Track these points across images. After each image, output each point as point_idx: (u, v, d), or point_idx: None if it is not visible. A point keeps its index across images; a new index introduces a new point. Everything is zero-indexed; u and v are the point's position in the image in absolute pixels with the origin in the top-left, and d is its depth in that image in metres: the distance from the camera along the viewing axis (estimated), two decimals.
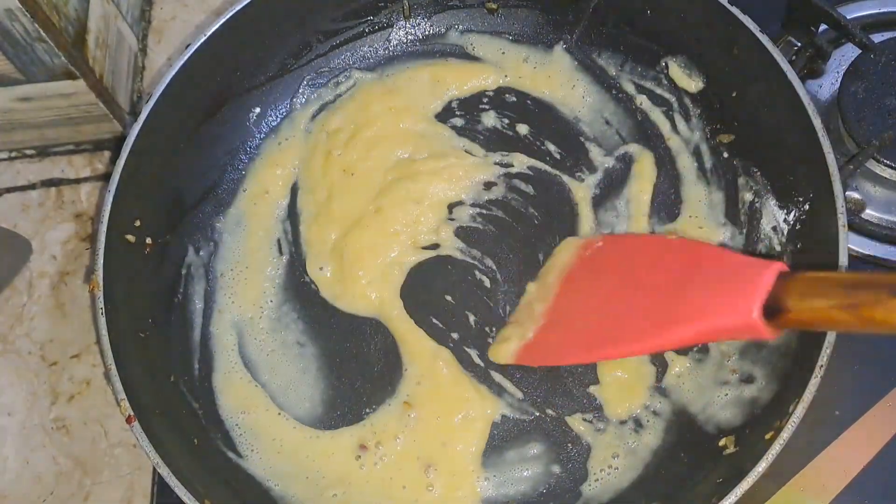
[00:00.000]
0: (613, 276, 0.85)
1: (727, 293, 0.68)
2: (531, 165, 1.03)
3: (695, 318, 0.71)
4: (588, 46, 1.07)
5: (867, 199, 1.00)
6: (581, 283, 0.88)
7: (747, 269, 0.68)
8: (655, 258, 0.82)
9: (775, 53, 0.89)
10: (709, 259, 0.75)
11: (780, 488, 0.89)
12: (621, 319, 0.79)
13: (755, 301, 0.65)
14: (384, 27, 1.09)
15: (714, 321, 0.69)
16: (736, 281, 0.68)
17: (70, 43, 0.98)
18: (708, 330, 0.70)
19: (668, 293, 0.75)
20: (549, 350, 0.88)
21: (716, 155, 1.00)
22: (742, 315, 0.66)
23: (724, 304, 0.68)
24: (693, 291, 0.73)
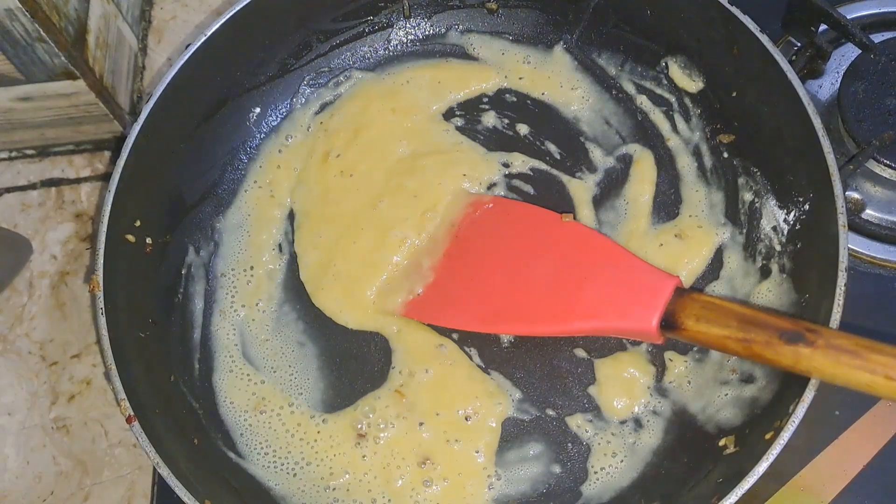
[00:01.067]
0: (508, 244, 0.87)
1: (631, 297, 0.72)
2: (532, 166, 1.03)
3: (596, 315, 0.75)
4: (588, 46, 1.07)
5: (867, 199, 1.00)
6: (472, 245, 0.89)
7: (648, 277, 0.73)
8: (555, 238, 0.84)
9: (775, 53, 0.89)
10: (611, 255, 0.79)
11: (781, 488, 0.89)
12: (518, 296, 0.82)
13: (656, 311, 0.70)
14: (384, 27, 1.09)
15: (615, 322, 0.74)
16: (638, 286, 0.72)
17: (70, 43, 0.98)
18: (608, 328, 0.75)
19: (569, 279, 0.78)
20: (439, 310, 0.89)
21: (716, 155, 1.00)
22: (642, 323, 0.71)
23: (628, 308, 0.73)
24: (595, 284, 0.76)
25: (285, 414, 0.94)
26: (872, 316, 0.96)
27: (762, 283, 0.92)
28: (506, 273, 0.83)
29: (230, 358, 0.96)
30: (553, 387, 0.93)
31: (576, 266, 0.78)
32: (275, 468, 0.91)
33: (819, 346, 0.64)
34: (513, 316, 0.81)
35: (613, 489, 0.88)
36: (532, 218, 0.89)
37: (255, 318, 0.98)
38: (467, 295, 0.86)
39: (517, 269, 0.82)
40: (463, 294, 0.86)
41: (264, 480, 0.90)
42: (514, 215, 0.90)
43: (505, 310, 0.82)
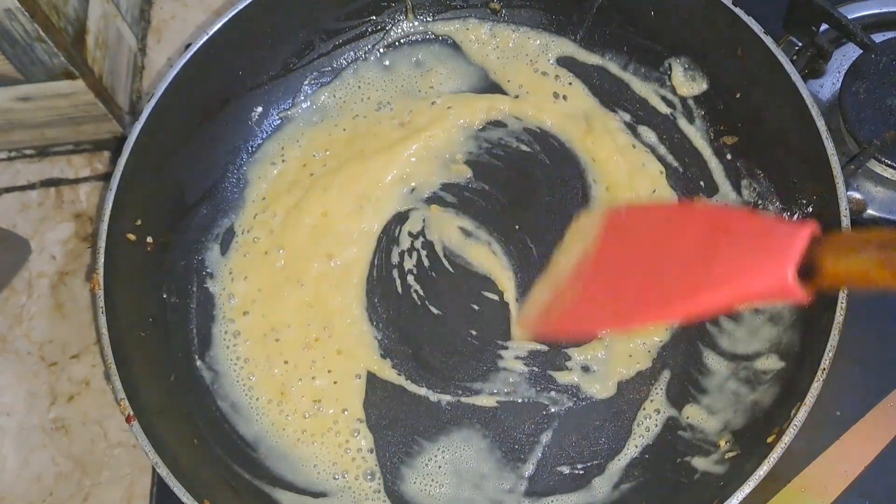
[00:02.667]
0: (642, 245, 0.84)
1: (761, 256, 0.68)
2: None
3: (729, 281, 0.70)
4: (592, 47, 1.07)
5: (868, 199, 1.00)
6: (609, 254, 0.87)
7: (779, 231, 0.68)
8: (683, 225, 0.81)
9: (779, 55, 0.89)
10: (739, 222, 0.75)
11: (782, 489, 0.89)
12: (653, 287, 0.79)
13: (789, 263, 0.65)
14: (387, 27, 1.09)
15: (749, 284, 0.69)
16: (769, 244, 0.68)
17: (69, 43, 0.98)
18: (743, 293, 0.70)
19: (699, 259, 0.75)
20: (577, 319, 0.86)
21: (719, 157, 1.00)
22: (777, 277, 0.66)
23: (759, 268, 0.68)
24: (725, 256, 0.72)
25: (286, 413, 0.94)
26: (872, 316, 0.96)
27: None
28: (641, 270, 0.81)
29: (231, 357, 0.96)
30: (547, 386, 0.93)
31: (711, 243, 0.74)
32: (275, 467, 0.91)
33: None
34: (652, 304, 0.78)
35: (613, 490, 0.89)
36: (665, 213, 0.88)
37: (255, 318, 0.98)
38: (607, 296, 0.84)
39: (652, 265, 0.80)
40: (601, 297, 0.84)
41: (265, 480, 0.90)
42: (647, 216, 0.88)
43: (644, 300, 0.79)
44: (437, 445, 0.92)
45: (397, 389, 0.94)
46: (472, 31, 1.08)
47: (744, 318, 0.93)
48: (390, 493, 0.90)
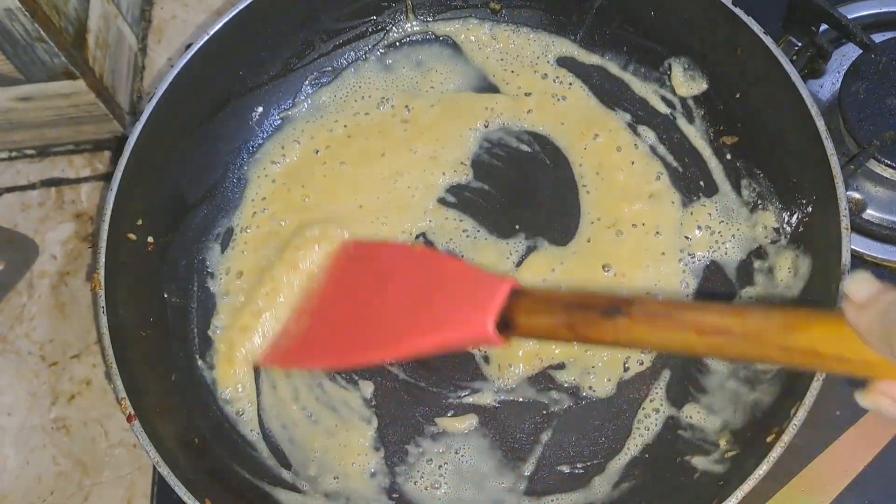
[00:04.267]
0: (365, 283, 0.89)
1: (467, 307, 0.73)
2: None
3: (438, 328, 0.76)
4: (592, 47, 1.07)
5: (868, 199, 1.01)
6: (336, 289, 0.91)
7: (484, 285, 0.73)
8: (404, 268, 0.86)
9: (779, 55, 0.89)
10: (452, 272, 0.80)
11: (781, 488, 0.89)
12: (369, 328, 0.84)
13: (490, 315, 0.70)
14: (387, 27, 1.09)
15: (455, 332, 0.74)
16: (474, 296, 0.73)
17: (70, 43, 0.98)
18: (450, 339, 0.75)
19: (414, 302, 0.80)
20: (297, 356, 0.91)
21: (719, 156, 1.00)
22: (478, 327, 0.71)
23: (465, 317, 0.73)
24: (438, 302, 0.78)
25: (286, 413, 0.94)
26: None
27: (764, 286, 0.93)
28: (364, 309, 0.86)
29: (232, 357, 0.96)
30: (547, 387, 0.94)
31: (425, 289, 0.81)
32: (276, 466, 0.91)
33: (634, 314, 0.64)
34: (368, 346, 0.83)
35: (613, 490, 0.89)
36: (386, 253, 0.92)
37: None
38: (328, 336, 0.89)
39: (374, 304, 0.85)
40: (324, 336, 0.89)
41: (265, 479, 0.90)
42: (371, 254, 0.93)
43: (361, 341, 0.84)
44: (438, 445, 0.92)
45: (398, 389, 0.95)
46: (472, 31, 1.08)
47: None
48: (391, 493, 0.90)
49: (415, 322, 0.78)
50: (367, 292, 0.87)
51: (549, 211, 1.01)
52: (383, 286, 0.85)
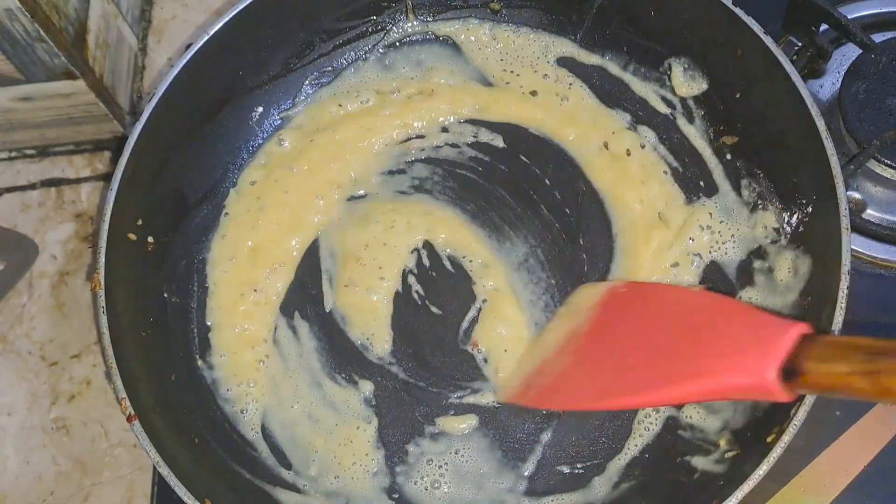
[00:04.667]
0: (634, 324, 0.83)
1: (744, 351, 0.66)
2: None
3: (708, 373, 0.69)
4: (592, 47, 1.07)
5: (868, 199, 1.00)
6: (602, 331, 0.86)
7: (769, 328, 0.66)
8: (677, 309, 0.80)
9: (779, 55, 0.89)
10: (730, 313, 0.74)
11: (781, 488, 0.89)
12: (636, 370, 0.77)
13: (772, 362, 0.63)
14: (387, 27, 1.09)
15: (727, 379, 0.67)
16: (755, 339, 0.66)
17: (70, 43, 0.98)
18: (720, 387, 0.68)
19: (685, 346, 0.73)
20: (557, 395, 0.86)
21: (719, 156, 1.00)
22: (757, 375, 0.64)
23: (740, 363, 0.66)
24: (710, 346, 0.71)
25: (286, 413, 0.94)
26: (873, 316, 0.96)
27: (764, 285, 0.93)
28: (628, 351, 0.80)
29: (231, 357, 0.96)
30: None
31: (698, 332, 0.74)
32: (276, 465, 0.92)
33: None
34: (633, 388, 0.77)
35: (613, 491, 0.89)
36: (662, 294, 0.87)
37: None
38: (591, 376, 0.83)
39: (642, 346, 0.79)
40: (585, 376, 0.83)
41: (265, 479, 0.90)
42: (644, 296, 0.87)
43: (626, 383, 0.78)
44: (438, 445, 0.92)
45: (398, 389, 0.94)
46: (472, 31, 1.08)
47: None
48: (391, 493, 0.90)
49: (686, 365, 0.71)
50: (636, 334, 0.81)
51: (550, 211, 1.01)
52: (654, 327, 0.80)
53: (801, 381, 0.63)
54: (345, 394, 0.94)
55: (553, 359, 0.88)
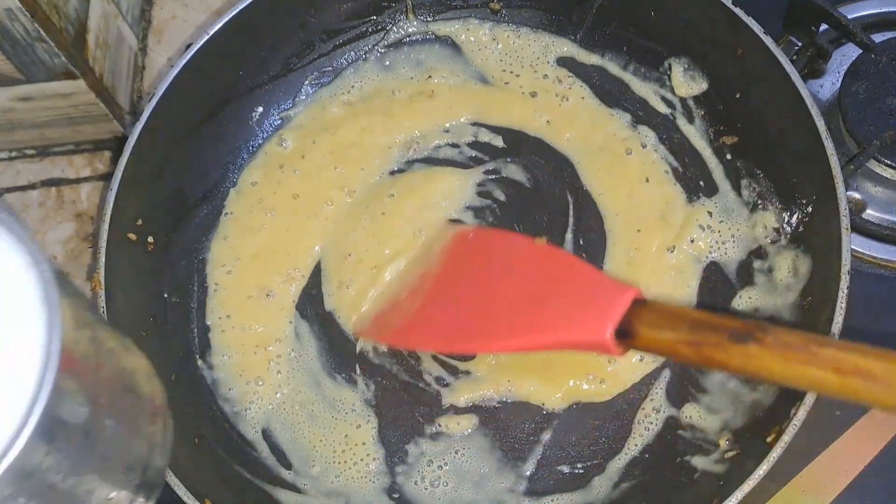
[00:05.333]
0: (482, 271, 0.88)
1: (587, 310, 0.72)
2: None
3: (553, 328, 0.75)
4: (592, 47, 1.07)
5: (868, 199, 1.01)
6: (452, 275, 0.90)
7: (606, 290, 0.71)
8: (524, 260, 0.85)
9: (779, 56, 0.89)
10: (572, 271, 0.79)
11: (781, 488, 0.89)
12: (484, 317, 0.83)
13: (609, 322, 0.68)
14: (387, 27, 1.09)
15: (570, 334, 0.73)
16: (595, 300, 0.71)
17: (70, 43, 0.98)
18: (563, 341, 0.74)
19: (532, 297, 0.79)
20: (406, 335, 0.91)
21: (719, 156, 1.00)
22: (596, 333, 0.69)
23: (583, 320, 0.72)
24: (555, 301, 0.76)
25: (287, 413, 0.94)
26: (873, 316, 0.96)
27: (764, 286, 0.93)
28: (477, 298, 0.85)
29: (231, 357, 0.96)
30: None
31: (542, 286, 0.79)
32: (277, 466, 0.92)
33: (767, 343, 0.61)
34: (477, 334, 0.83)
35: (613, 491, 0.89)
36: (507, 244, 0.91)
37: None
38: (438, 319, 0.88)
39: (488, 294, 0.84)
40: (433, 318, 0.88)
41: (265, 479, 0.90)
42: (493, 243, 0.92)
43: (470, 329, 0.84)
44: (438, 445, 0.92)
45: (398, 389, 0.94)
46: (472, 31, 1.08)
47: (744, 318, 0.93)
48: (391, 493, 0.90)
49: (530, 318, 0.77)
50: (482, 281, 0.86)
51: (549, 211, 1.01)
52: (500, 277, 0.84)
53: (633, 342, 0.68)
54: (345, 393, 0.94)
55: (406, 299, 0.92)
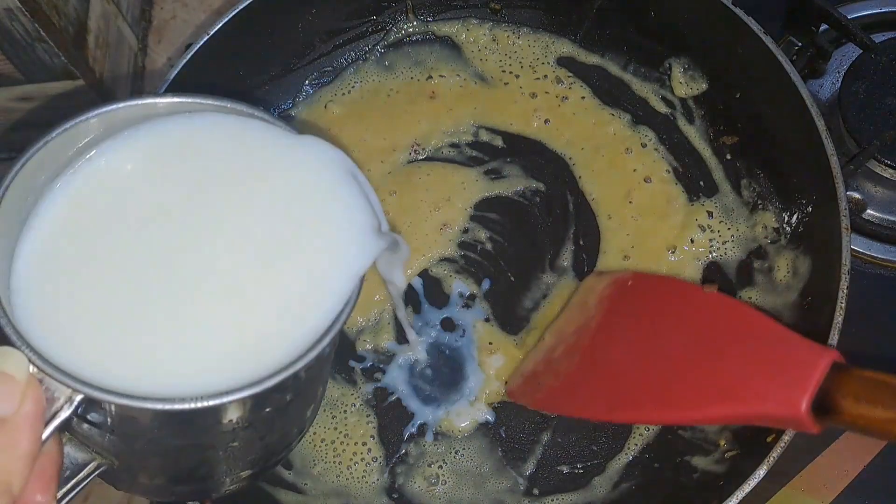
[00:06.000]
0: (645, 322, 0.78)
1: (774, 377, 0.61)
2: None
3: (734, 399, 0.64)
4: (592, 47, 1.07)
5: (868, 199, 1.01)
6: (609, 329, 0.81)
7: (796, 351, 0.62)
8: (691, 310, 0.74)
9: (779, 56, 0.89)
10: (754, 326, 0.68)
11: (781, 488, 0.89)
12: (652, 381, 0.73)
13: (803, 393, 0.58)
14: (387, 26, 1.09)
15: (757, 407, 0.62)
16: (784, 364, 0.61)
17: (70, 43, 0.98)
18: (747, 414, 0.64)
19: (706, 359, 0.68)
20: (561, 400, 0.82)
21: (719, 157, 1.00)
22: (789, 406, 0.59)
23: (768, 390, 0.61)
24: (733, 364, 0.66)
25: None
26: (872, 317, 0.96)
27: (764, 286, 0.93)
28: (641, 358, 0.75)
29: None
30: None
31: (716, 343, 0.68)
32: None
33: None
34: (642, 402, 0.73)
35: (612, 491, 0.89)
36: (671, 292, 0.81)
37: None
38: (597, 382, 0.78)
39: (653, 354, 0.74)
40: (591, 381, 0.79)
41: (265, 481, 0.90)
42: (654, 290, 0.82)
43: (635, 396, 0.73)
44: (438, 445, 0.92)
45: (399, 389, 0.94)
46: (472, 31, 1.08)
47: None
48: (391, 493, 0.90)
49: (701, 383, 0.67)
50: (645, 338, 0.75)
51: (548, 211, 1.01)
52: (666, 332, 0.74)
53: (836, 418, 0.58)
54: (345, 393, 0.94)
55: (561, 357, 0.84)
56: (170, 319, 0.56)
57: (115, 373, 0.53)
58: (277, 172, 0.61)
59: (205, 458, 0.60)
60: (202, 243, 0.58)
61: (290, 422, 0.65)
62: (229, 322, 0.57)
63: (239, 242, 0.59)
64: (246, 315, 0.57)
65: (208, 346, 0.56)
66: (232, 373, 0.54)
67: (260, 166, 0.61)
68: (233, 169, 0.61)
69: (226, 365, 0.55)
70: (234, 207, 0.60)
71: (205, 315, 0.57)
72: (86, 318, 0.55)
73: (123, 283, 0.57)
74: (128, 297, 0.56)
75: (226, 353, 0.56)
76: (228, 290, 0.57)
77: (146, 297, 0.56)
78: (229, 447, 0.59)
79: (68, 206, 0.59)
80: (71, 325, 0.55)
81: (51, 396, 0.50)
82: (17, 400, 0.48)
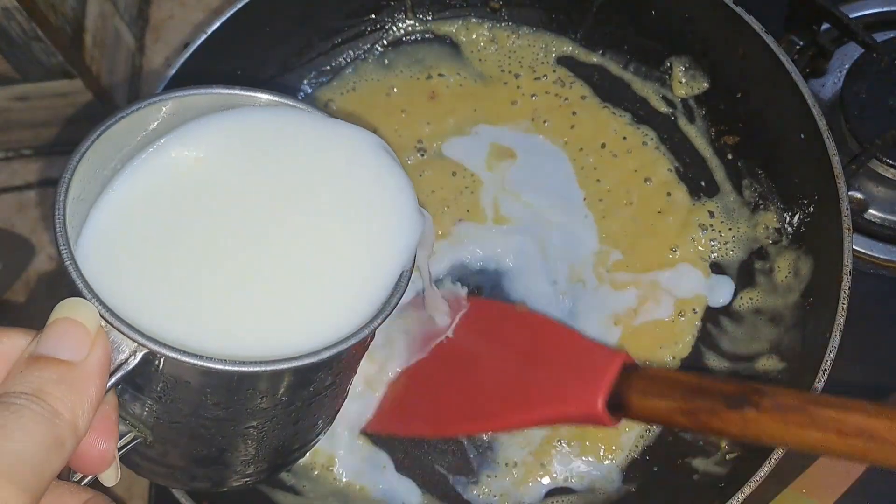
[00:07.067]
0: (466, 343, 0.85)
1: (575, 381, 0.69)
2: None
3: (542, 404, 0.72)
4: (592, 46, 1.06)
5: (869, 199, 1.00)
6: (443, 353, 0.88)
7: (593, 357, 0.69)
8: (509, 331, 0.83)
9: (780, 54, 0.88)
10: (559, 339, 0.77)
11: (783, 490, 0.89)
12: (468, 395, 0.80)
13: (599, 393, 0.66)
14: (386, 25, 1.09)
15: (560, 409, 0.70)
16: (583, 369, 0.69)
17: (67, 42, 0.98)
18: (554, 417, 0.72)
19: (519, 372, 0.77)
20: (396, 422, 0.88)
21: (720, 156, 1.00)
22: (587, 406, 0.67)
23: (572, 393, 0.69)
24: (543, 374, 0.74)
25: None
26: (873, 317, 0.96)
27: (765, 286, 0.92)
28: (460, 375, 0.83)
29: None
30: None
31: (528, 357, 0.77)
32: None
33: (764, 407, 0.59)
34: (463, 417, 0.81)
35: (613, 492, 0.88)
36: (487, 313, 0.89)
37: None
38: (424, 401, 0.86)
39: (472, 370, 0.82)
40: (420, 401, 0.86)
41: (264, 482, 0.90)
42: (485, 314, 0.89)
43: (457, 411, 0.81)
44: (438, 446, 0.91)
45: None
46: (472, 30, 1.08)
47: (745, 318, 0.92)
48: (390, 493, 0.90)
49: (518, 394, 0.75)
50: (468, 355, 0.83)
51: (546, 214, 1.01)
52: (486, 349, 0.82)
53: (626, 413, 0.66)
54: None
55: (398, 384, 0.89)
56: (234, 289, 0.59)
57: (174, 336, 0.55)
58: (332, 157, 0.65)
59: (237, 434, 0.61)
60: (268, 222, 0.62)
61: (322, 409, 0.67)
62: (290, 295, 0.60)
63: (302, 221, 0.62)
64: (307, 290, 0.60)
65: (268, 317, 0.59)
66: (288, 344, 0.57)
67: (315, 153, 0.66)
68: (292, 156, 0.65)
69: (283, 336, 0.58)
70: (297, 190, 0.64)
71: (267, 288, 0.60)
72: (151, 282, 0.59)
73: (190, 253, 0.60)
74: (193, 267, 0.60)
75: (284, 325, 0.59)
76: (292, 266, 0.61)
77: (212, 269, 0.60)
78: (264, 427, 0.61)
79: (142, 184, 0.62)
80: (136, 287, 0.58)
81: (116, 349, 0.52)
82: (88, 347, 0.51)
